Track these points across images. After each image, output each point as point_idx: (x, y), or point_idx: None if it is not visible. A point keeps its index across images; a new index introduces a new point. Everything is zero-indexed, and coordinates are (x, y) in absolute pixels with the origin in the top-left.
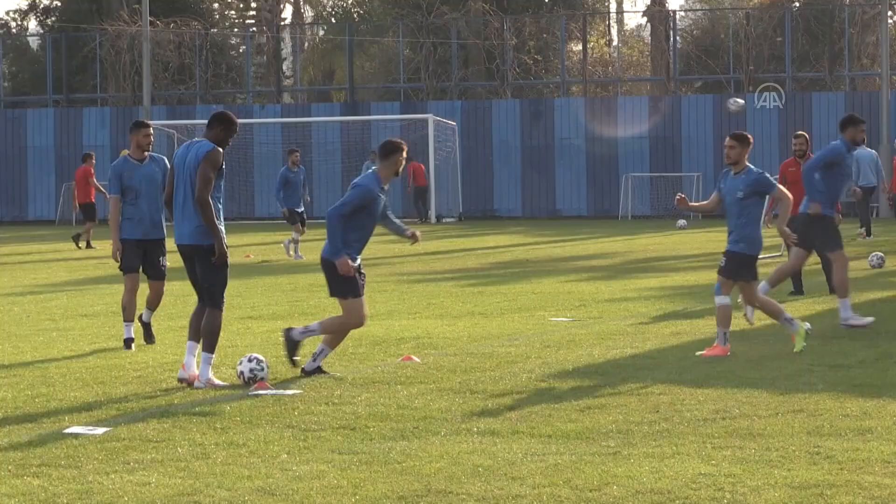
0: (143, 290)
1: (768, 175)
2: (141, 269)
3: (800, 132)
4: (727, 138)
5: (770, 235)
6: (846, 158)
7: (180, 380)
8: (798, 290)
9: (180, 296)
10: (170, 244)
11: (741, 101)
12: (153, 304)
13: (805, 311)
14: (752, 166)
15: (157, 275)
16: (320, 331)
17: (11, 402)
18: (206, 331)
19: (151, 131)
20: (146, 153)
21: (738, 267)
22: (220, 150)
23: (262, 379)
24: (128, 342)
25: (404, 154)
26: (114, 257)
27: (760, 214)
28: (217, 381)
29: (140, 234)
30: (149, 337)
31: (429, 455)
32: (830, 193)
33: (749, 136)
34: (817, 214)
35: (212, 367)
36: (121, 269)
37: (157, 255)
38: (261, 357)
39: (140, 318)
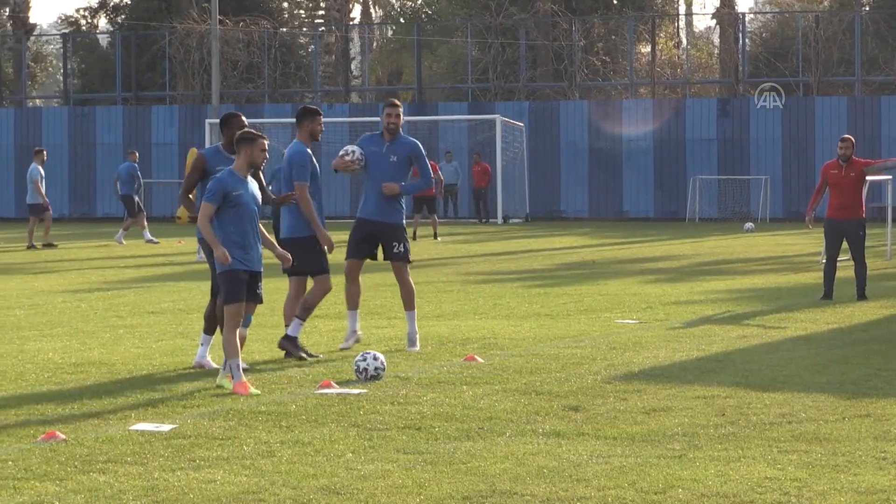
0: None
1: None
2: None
3: (846, 136)
4: None
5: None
6: None
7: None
8: (828, 295)
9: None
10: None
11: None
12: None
13: (871, 315)
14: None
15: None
16: None
17: (78, 399)
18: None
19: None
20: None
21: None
22: (198, 152)
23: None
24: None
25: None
26: (330, 250)
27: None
28: (210, 363)
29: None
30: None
31: (494, 456)
32: None
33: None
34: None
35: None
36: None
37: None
38: (378, 354)
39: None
